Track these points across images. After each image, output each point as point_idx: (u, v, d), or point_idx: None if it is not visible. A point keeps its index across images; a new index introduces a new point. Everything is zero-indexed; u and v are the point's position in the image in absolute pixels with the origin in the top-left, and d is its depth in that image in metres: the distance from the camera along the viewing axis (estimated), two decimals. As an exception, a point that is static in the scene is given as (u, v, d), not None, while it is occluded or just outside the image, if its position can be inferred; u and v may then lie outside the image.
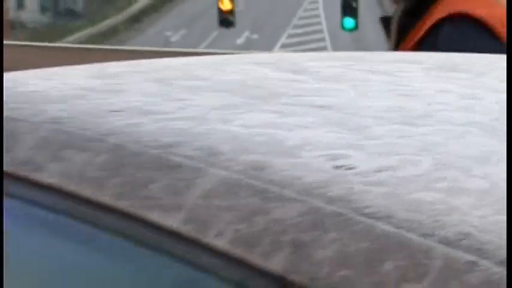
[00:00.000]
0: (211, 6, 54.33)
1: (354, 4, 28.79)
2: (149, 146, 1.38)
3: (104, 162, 1.37)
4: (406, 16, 3.89)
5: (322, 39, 54.58)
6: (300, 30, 58.41)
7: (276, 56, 2.04)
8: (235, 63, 1.99)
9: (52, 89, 1.74)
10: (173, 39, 56.80)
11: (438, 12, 3.78)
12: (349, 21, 27.79)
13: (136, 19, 64.15)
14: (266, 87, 1.73)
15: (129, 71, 1.92)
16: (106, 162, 1.37)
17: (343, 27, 29.49)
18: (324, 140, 1.38)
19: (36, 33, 55.08)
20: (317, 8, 63.02)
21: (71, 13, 66.81)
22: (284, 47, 51.38)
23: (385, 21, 4.08)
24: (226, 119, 1.49)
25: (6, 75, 1.90)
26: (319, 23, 59.44)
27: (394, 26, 3.95)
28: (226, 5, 26.08)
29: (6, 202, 1.47)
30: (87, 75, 1.89)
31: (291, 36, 57.20)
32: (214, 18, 42.14)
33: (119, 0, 66.80)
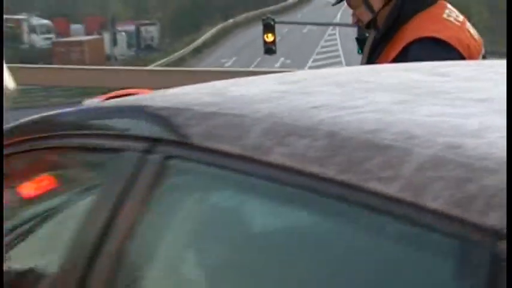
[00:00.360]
0: (254, 39, 54.64)
1: (367, 34, 29.07)
2: (357, 132, 1.33)
3: (322, 145, 1.33)
4: (379, 39, 3.78)
5: (340, 62, 54.49)
6: (322, 56, 58.40)
7: (412, 64, 1.97)
8: (386, 70, 1.93)
9: (256, 93, 1.69)
10: (227, 64, 56.81)
11: (407, 37, 3.70)
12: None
13: (199, 50, 64.42)
14: (424, 86, 1.67)
15: (307, 78, 1.87)
16: (324, 145, 1.33)
17: (359, 52, 29.35)
18: (498, 125, 1.33)
19: (125, 63, 55.31)
20: (335, 39, 62.92)
21: (150, 48, 67.30)
22: (311, 69, 51.40)
23: (361, 41, 4.05)
24: (407, 110, 1.44)
25: (207, 85, 1.86)
26: (337, 50, 59.38)
27: (367, 46, 3.85)
28: (270, 38, 26.13)
29: (241, 179, 1.44)
30: (275, 82, 1.84)
31: (315, 60, 57.20)
32: (257, 48, 42.33)
33: (185, 37, 67.13)
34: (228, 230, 1.50)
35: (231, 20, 73.18)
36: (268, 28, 26.91)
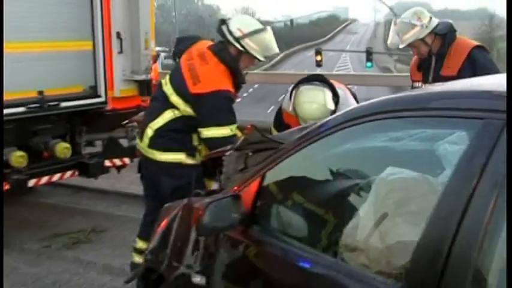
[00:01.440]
0: (302, 60, 53.60)
1: (371, 56, 28.30)
2: None
3: None
4: (438, 56, 3.51)
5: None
6: (340, 68, 57.02)
7: None
8: None
9: None
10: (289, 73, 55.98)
11: (464, 48, 3.45)
12: (369, 64, 27.05)
13: (274, 65, 63.42)
14: None
15: None
16: None
17: (366, 67, 28.19)
18: None
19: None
20: (347, 60, 61.41)
21: (249, 64, 66.99)
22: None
23: (424, 62, 3.59)
24: None
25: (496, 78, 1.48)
26: (348, 66, 57.98)
27: (433, 64, 3.51)
28: (319, 58, 25.74)
29: None
30: None
31: (337, 71, 56.04)
32: (305, 64, 41.56)
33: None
34: None
35: (291, 49, 72.42)
36: (319, 53, 26.95)
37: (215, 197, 1.93)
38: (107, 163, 4.89)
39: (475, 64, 3.36)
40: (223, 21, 3.26)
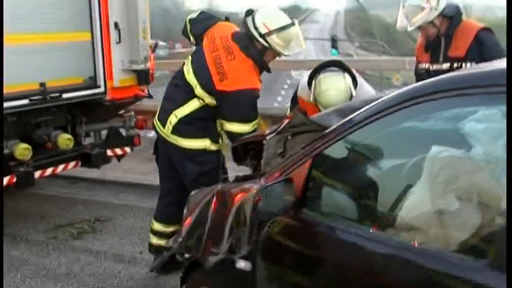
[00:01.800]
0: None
1: (336, 45, 28.46)
2: None
3: None
4: (446, 38, 3.41)
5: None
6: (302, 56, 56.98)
7: None
8: None
9: None
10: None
11: (471, 30, 3.34)
12: (334, 51, 27.10)
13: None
14: None
15: None
16: None
17: (332, 54, 28.17)
18: None
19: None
20: (310, 48, 60.89)
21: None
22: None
23: (432, 43, 3.50)
24: None
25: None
26: (311, 53, 57.90)
27: (443, 44, 3.41)
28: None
29: None
30: None
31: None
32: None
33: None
34: None
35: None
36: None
37: (266, 182, 1.86)
38: (109, 153, 4.75)
39: (483, 46, 3.32)
40: (249, 13, 3.10)
